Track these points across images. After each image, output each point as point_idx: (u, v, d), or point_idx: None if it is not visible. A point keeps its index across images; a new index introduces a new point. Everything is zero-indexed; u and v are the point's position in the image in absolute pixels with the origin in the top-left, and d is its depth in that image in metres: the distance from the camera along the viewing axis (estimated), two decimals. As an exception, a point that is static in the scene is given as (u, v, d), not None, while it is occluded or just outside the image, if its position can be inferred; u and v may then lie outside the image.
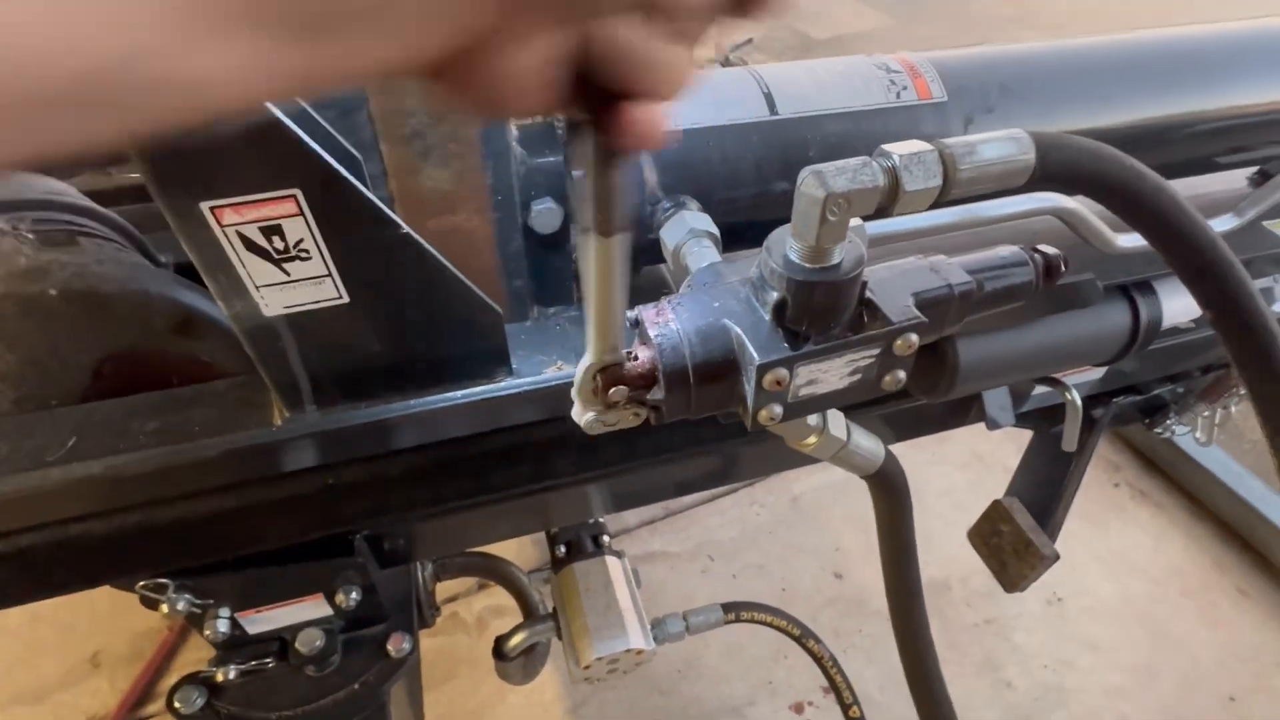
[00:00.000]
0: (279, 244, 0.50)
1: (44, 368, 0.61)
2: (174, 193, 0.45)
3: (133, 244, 0.74)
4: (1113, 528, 2.05)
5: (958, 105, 0.74)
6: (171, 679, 1.73)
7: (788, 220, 0.52)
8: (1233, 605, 1.87)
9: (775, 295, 0.51)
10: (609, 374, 0.50)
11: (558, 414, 0.70)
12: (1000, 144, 0.48)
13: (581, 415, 0.54)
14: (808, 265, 0.49)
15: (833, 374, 0.53)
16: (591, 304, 0.43)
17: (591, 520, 1.32)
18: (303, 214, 0.48)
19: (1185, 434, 1.34)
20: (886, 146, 0.47)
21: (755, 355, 0.49)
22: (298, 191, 0.47)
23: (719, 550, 1.99)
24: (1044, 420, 1.30)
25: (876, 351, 0.53)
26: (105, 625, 1.82)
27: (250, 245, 0.49)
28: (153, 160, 0.43)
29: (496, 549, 1.29)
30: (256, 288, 0.51)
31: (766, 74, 0.72)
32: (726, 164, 0.69)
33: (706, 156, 0.68)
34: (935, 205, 0.49)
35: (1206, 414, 1.35)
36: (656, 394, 0.52)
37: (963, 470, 2.20)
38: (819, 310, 0.50)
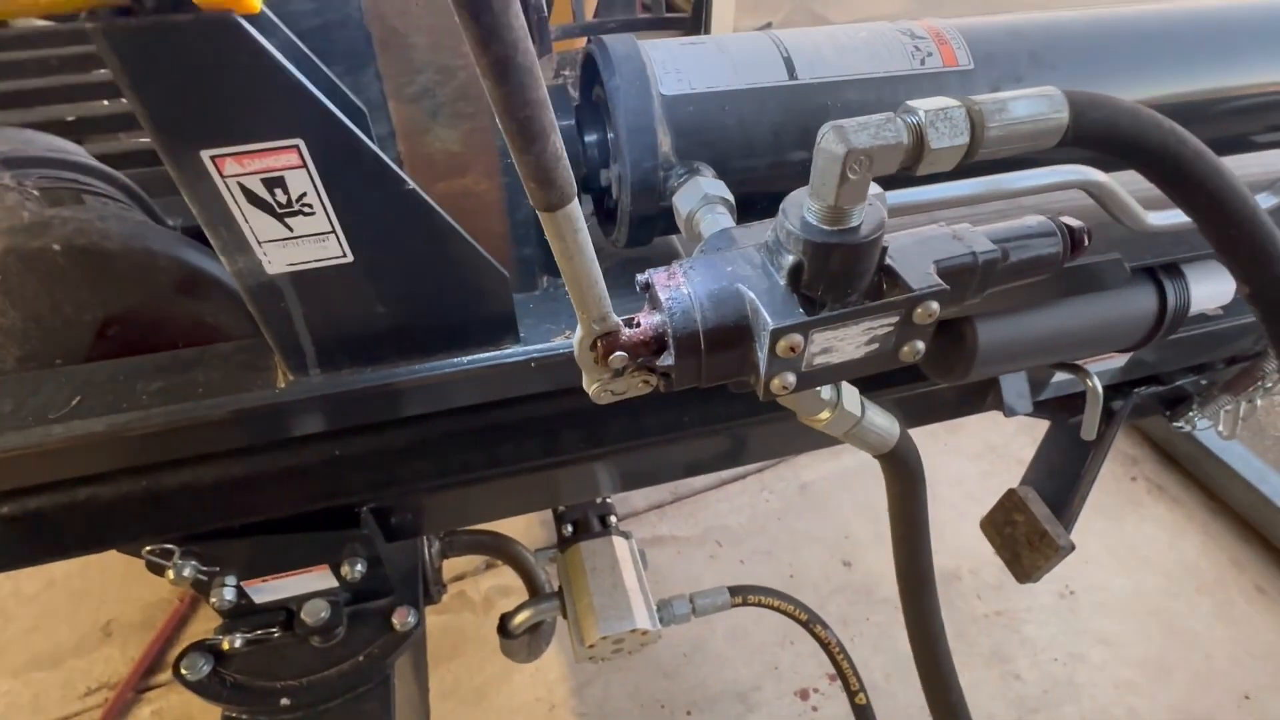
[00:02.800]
0: (281, 197, 0.48)
1: (47, 325, 0.60)
2: (174, 139, 0.44)
3: (139, 205, 0.73)
4: (1128, 522, 2.01)
5: (985, 73, 0.71)
6: (182, 648, 1.76)
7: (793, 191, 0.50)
8: (1249, 603, 1.84)
9: (791, 259, 0.49)
10: (607, 342, 0.48)
11: (565, 384, 0.68)
12: (1031, 101, 0.46)
13: (589, 384, 0.52)
14: (826, 227, 0.47)
15: (849, 342, 0.51)
16: (566, 280, 0.42)
17: (599, 500, 1.31)
18: (305, 165, 0.47)
19: (1206, 428, 1.30)
20: (911, 102, 0.45)
21: (769, 320, 0.47)
22: (300, 141, 0.46)
23: (727, 536, 1.98)
24: (1061, 410, 1.27)
25: (895, 320, 0.51)
26: (117, 594, 1.85)
27: (252, 198, 0.48)
28: (153, 104, 0.42)
29: (503, 528, 1.28)
30: (259, 243, 0.50)
31: (786, 38, 0.69)
32: (743, 130, 0.67)
33: (722, 122, 0.66)
34: (961, 166, 0.47)
35: (1230, 407, 1.32)
36: (666, 360, 0.51)
37: (975, 461, 2.18)
38: (836, 275, 0.48)
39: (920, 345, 0.53)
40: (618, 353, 0.49)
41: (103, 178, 0.70)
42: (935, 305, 0.50)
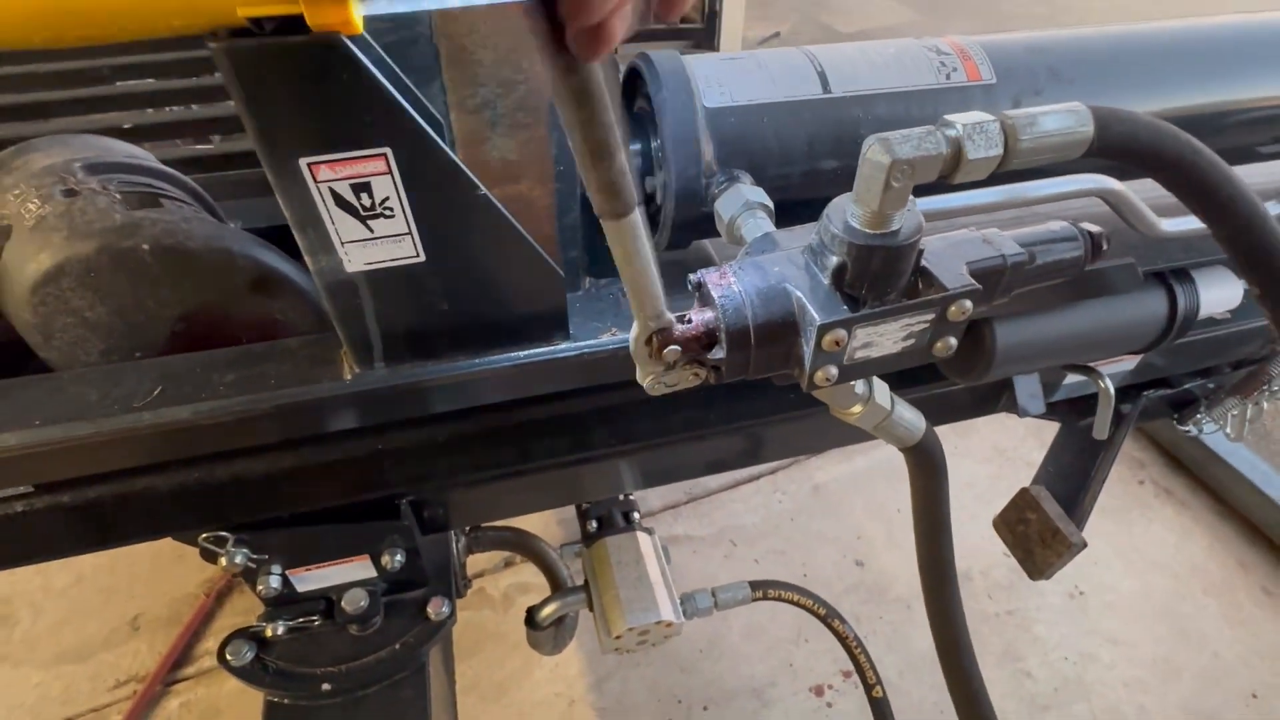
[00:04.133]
0: (366, 201, 0.52)
1: (131, 321, 0.65)
2: (278, 148, 0.48)
3: (205, 208, 0.77)
4: (1136, 524, 2.04)
5: (1006, 87, 0.76)
6: (208, 642, 1.79)
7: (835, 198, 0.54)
8: (1256, 605, 1.87)
9: (835, 260, 0.53)
10: (660, 337, 0.52)
11: (613, 379, 0.72)
12: (1059, 116, 0.50)
13: (643, 378, 0.56)
14: (868, 231, 0.51)
15: (888, 338, 0.55)
16: (625, 281, 0.46)
17: (622, 498, 1.34)
18: (390, 172, 0.51)
19: (1213, 432, 1.33)
20: (949, 116, 0.49)
21: (816, 316, 0.51)
22: (388, 150, 0.50)
23: (741, 535, 2.01)
24: (1071, 412, 1.30)
25: (931, 317, 0.55)
26: (145, 590, 1.88)
27: (340, 201, 0.52)
28: (261, 116, 0.46)
29: (521, 527, 1.32)
30: (342, 244, 0.54)
31: (820, 53, 0.74)
32: (780, 140, 0.71)
33: (761, 132, 0.71)
34: (993, 176, 0.51)
35: (1237, 410, 1.35)
36: (716, 354, 0.55)
37: (984, 464, 2.21)
38: (877, 275, 0.52)
39: (953, 341, 0.57)
40: (671, 347, 0.53)
41: (174, 182, 0.74)
42: (968, 303, 0.54)
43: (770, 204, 0.67)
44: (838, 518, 2.05)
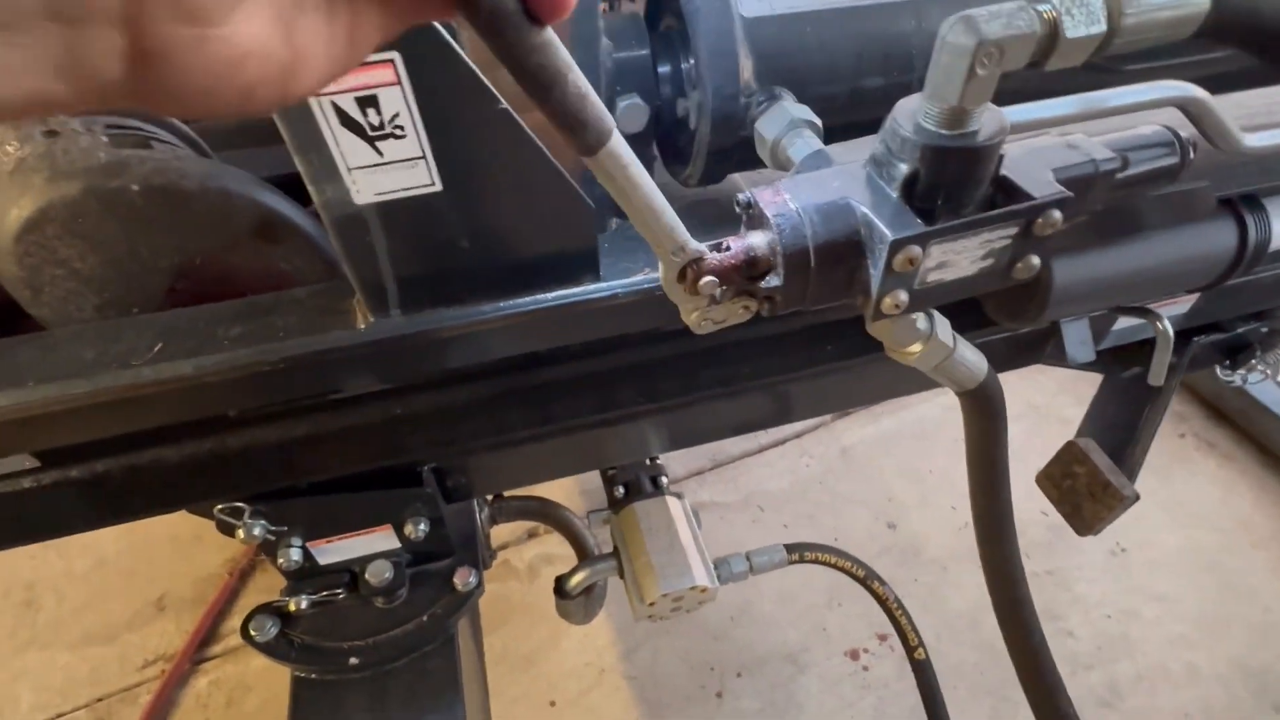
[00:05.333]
0: (374, 118, 0.47)
1: (125, 271, 0.60)
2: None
3: (199, 154, 0.72)
4: (1178, 478, 1.98)
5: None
6: (234, 620, 1.78)
7: (883, 122, 0.48)
8: (1306, 557, 1.81)
9: (905, 168, 0.46)
10: (695, 269, 0.46)
11: (647, 325, 0.67)
12: (1172, -15, 0.43)
13: (687, 316, 0.51)
14: (945, 131, 0.45)
15: (965, 256, 0.49)
16: (633, 220, 0.41)
17: (649, 461, 1.30)
18: (400, 83, 0.45)
19: (1259, 382, 1.27)
20: (1042, -11, 0.42)
21: (887, 232, 0.45)
22: (396, 56, 0.44)
23: (768, 500, 1.97)
24: (1115, 362, 1.24)
25: (1014, 231, 0.48)
26: (168, 570, 1.87)
27: (345, 119, 0.46)
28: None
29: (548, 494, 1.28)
30: (349, 170, 0.49)
31: (866, -45, 0.66)
32: (825, 53, 0.64)
33: (804, 45, 0.64)
34: (1091, 60, 0.45)
35: (1289, 356, 1.27)
36: (773, 281, 0.49)
37: (1017, 421, 2.14)
38: (954, 183, 0.46)
39: (1035, 261, 0.51)
40: (707, 279, 0.47)
41: (166, 127, 0.69)
42: (1058, 215, 0.48)
43: (818, 122, 0.61)
44: (867, 480, 2.00)
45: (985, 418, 0.75)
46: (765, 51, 0.63)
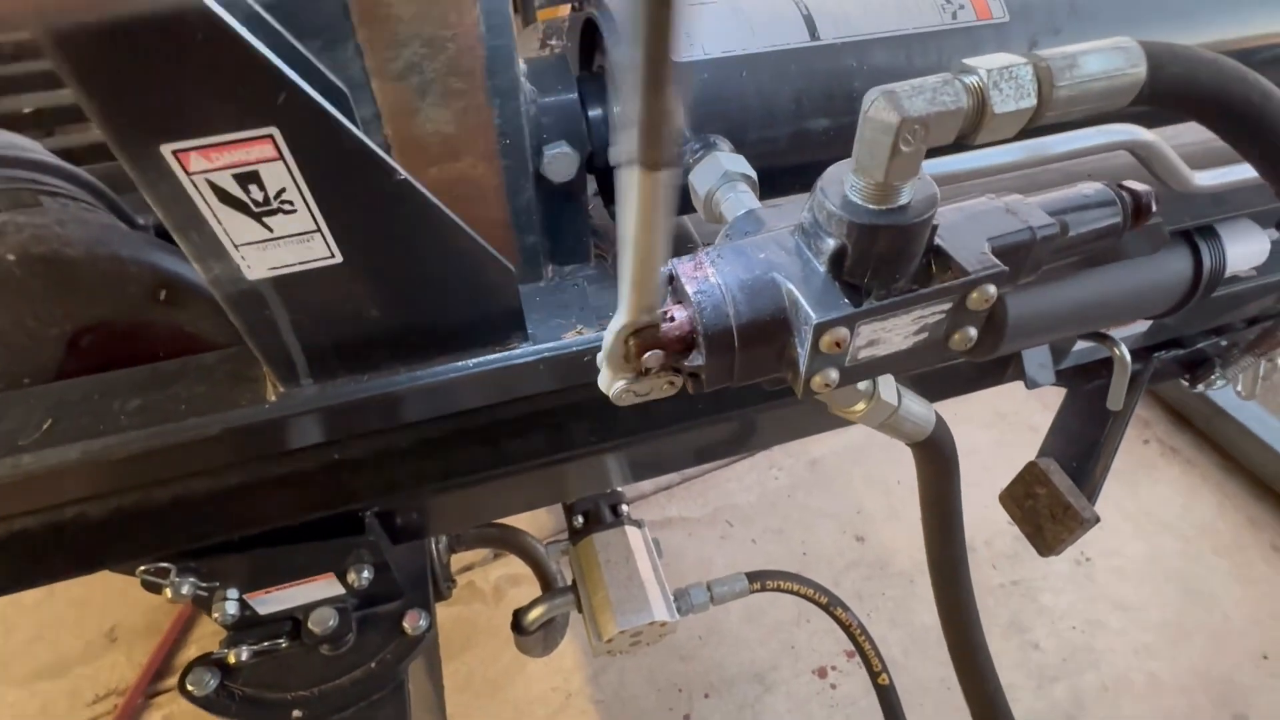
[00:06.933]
0: (257, 194, 0.43)
1: (9, 342, 0.55)
2: (129, 133, 0.38)
3: (105, 204, 0.67)
4: (1142, 485, 1.99)
5: (1021, 26, 0.66)
6: (189, 652, 1.73)
7: (827, 163, 0.45)
8: (1267, 563, 1.83)
9: (832, 243, 0.44)
10: (643, 337, 0.43)
11: (581, 379, 0.64)
12: (1105, 55, 0.40)
13: (610, 384, 0.47)
14: (872, 206, 0.42)
15: (897, 333, 0.46)
16: (629, 253, 0.36)
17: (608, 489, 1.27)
18: (282, 158, 0.41)
19: (1221, 388, 1.27)
20: (969, 61, 0.40)
21: (812, 313, 0.42)
22: (275, 130, 0.40)
23: (737, 515, 1.95)
24: (1079, 377, 1.23)
25: (947, 306, 0.46)
26: (120, 600, 1.81)
27: (224, 197, 0.42)
28: (101, 95, 0.36)
29: (511, 520, 1.25)
30: (235, 247, 0.45)
31: (805, -6, 0.63)
32: (761, 97, 0.61)
33: (740, 89, 0.61)
34: (1023, 132, 0.42)
35: (1249, 368, 1.28)
36: (695, 359, 0.46)
37: (986, 430, 2.14)
38: (883, 260, 0.43)
39: (973, 332, 0.49)
40: (654, 351, 0.44)
41: (64, 176, 0.64)
42: (992, 289, 0.45)
43: (753, 174, 0.58)
44: (836, 492, 1.99)
45: (937, 467, 0.74)
46: (698, 98, 0.60)
